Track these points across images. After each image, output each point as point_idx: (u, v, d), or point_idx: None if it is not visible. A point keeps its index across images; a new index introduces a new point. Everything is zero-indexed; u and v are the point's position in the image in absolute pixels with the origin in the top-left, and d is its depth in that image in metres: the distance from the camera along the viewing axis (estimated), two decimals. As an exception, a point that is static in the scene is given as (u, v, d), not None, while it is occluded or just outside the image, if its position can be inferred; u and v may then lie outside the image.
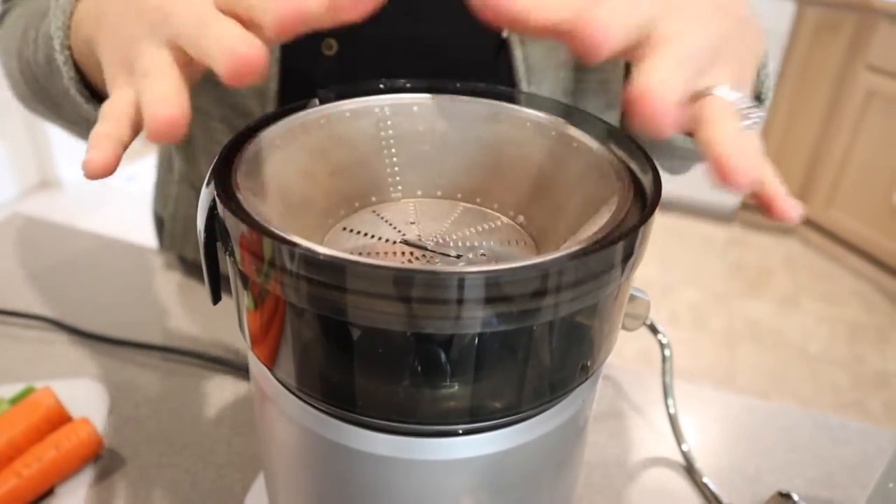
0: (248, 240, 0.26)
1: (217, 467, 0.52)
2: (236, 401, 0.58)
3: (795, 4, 2.38)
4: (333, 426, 0.29)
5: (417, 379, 0.27)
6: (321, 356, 0.28)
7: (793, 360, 2.10)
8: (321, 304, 0.26)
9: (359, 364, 0.27)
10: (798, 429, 0.58)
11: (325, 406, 0.29)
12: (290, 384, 0.30)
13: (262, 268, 0.26)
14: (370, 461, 0.29)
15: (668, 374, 0.54)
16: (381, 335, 0.26)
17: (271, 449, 0.35)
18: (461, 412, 0.28)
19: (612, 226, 0.28)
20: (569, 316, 0.27)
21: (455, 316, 0.25)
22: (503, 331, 0.26)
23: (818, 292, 2.42)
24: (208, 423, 0.55)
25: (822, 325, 2.27)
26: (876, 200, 2.40)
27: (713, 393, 0.61)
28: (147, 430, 0.55)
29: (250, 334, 0.30)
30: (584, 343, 0.29)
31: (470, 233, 0.35)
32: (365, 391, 0.28)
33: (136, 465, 0.52)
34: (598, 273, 0.27)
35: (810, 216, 2.64)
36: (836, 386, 2.01)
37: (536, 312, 0.26)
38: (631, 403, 0.59)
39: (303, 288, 0.26)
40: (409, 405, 0.28)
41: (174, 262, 0.74)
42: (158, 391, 0.58)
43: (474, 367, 0.27)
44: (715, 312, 2.28)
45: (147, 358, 0.61)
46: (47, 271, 0.72)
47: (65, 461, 0.49)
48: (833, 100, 2.48)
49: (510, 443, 0.30)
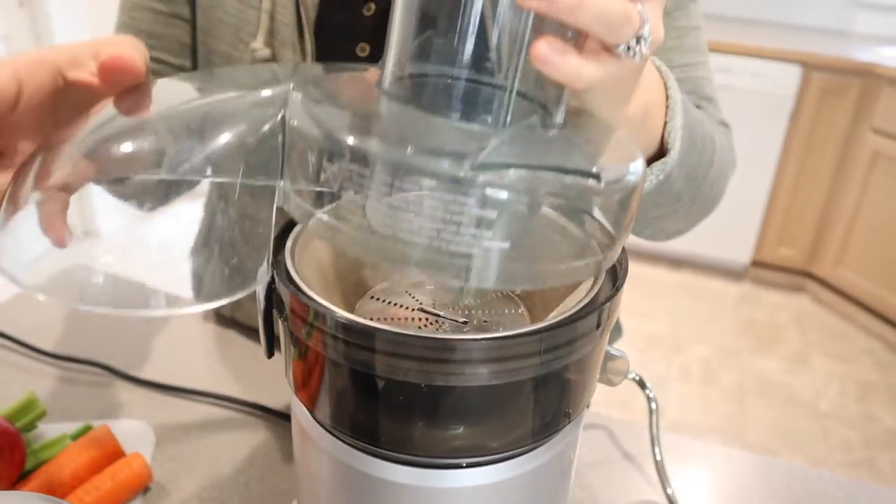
0: (298, 308, 0.34)
1: (252, 500, 0.58)
2: (268, 442, 0.64)
3: (802, 69, 2.47)
4: (360, 458, 0.36)
5: (429, 421, 0.34)
6: (352, 401, 0.35)
7: (803, 417, 2.13)
8: (354, 360, 0.33)
9: (382, 408, 0.34)
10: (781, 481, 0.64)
11: (354, 441, 0.36)
12: (326, 423, 0.37)
13: (307, 330, 0.34)
14: (389, 488, 0.36)
15: (654, 425, 0.60)
16: (401, 386, 0.33)
17: (306, 477, 0.41)
18: (465, 448, 0.35)
19: (587, 300, 0.35)
20: (553, 372, 0.34)
21: (461, 372, 0.32)
22: (499, 384, 0.33)
23: (829, 350, 2.45)
24: (243, 462, 0.62)
25: (833, 382, 2.29)
26: (885, 259, 2.44)
27: (701, 445, 0.67)
28: (189, 466, 0.61)
29: (295, 381, 0.38)
30: (566, 393, 0.36)
31: (475, 302, 0.42)
32: (387, 430, 0.35)
33: (179, 496, 0.58)
34: (576, 338, 0.34)
35: (820, 274, 2.68)
36: (847, 444, 2.03)
37: (526, 369, 0.33)
38: (623, 451, 0.65)
39: (339, 347, 0.33)
40: (422, 442, 0.35)
41: (210, 315, 0.82)
42: (199, 432, 0.65)
43: (475, 412, 0.34)
44: (725, 368, 2.31)
45: (189, 402, 0.69)
46: (98, 318, 0.80)
47: (120, 490, 0.55)
48: (840, 161, 2.55)
49: (506, 475, 0.36)
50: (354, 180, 0.29)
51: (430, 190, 0.28)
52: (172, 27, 0.69)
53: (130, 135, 0.34)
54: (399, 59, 0.34)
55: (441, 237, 0.29)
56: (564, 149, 0.31)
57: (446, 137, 0.33)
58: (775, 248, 2.74)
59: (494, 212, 0.28)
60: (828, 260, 2.63)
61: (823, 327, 2.58)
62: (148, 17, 0.68)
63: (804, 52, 2.46)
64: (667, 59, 0.64)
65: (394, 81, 0.35)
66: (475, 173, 0.28)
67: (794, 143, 2.58)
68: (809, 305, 2.70)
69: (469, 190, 0.28)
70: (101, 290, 0.33)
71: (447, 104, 0.34)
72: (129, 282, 0.34)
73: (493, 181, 0.28)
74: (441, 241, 0.29)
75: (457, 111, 0.34)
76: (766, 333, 2.52)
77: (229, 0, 0.64)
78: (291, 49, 0.63)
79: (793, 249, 2.72)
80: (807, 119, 2.53)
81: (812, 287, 2.74)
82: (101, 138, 0.34)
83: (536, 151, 0.33)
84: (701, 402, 2.15)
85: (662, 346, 2.41)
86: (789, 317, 2.63)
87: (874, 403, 2.21)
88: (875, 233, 2.47)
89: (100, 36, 0.41)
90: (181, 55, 0.70)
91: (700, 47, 0.67)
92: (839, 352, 2.44)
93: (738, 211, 2.70)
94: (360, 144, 0.30)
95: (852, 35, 2.89)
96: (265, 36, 0.63)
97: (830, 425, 2.10)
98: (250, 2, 0.63)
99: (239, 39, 0.65)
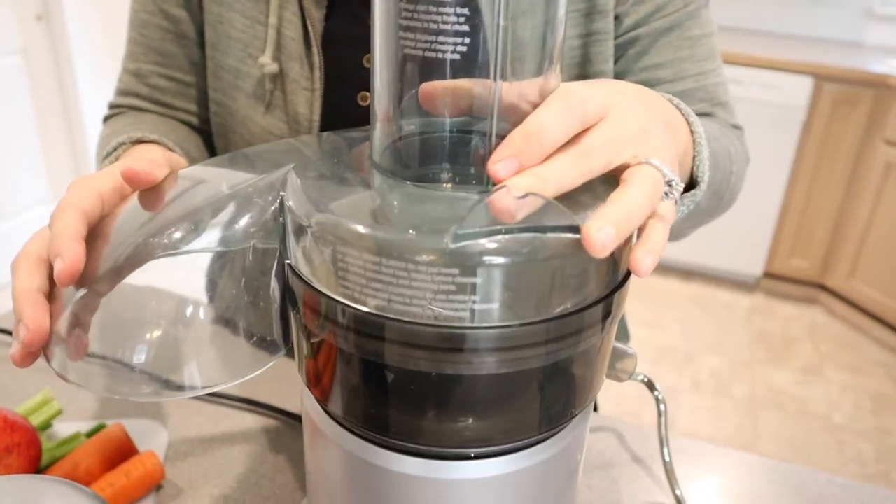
0: (311, 301, 0.34)
1: (263, 499, 0.59)
2: (279, 442, 0.65)
3: (814, 81, 2.47)
4: (370, 450, 0.37)
5: (438, 411, 0.35)
6: (362, 392, 0.36)
7: (816, 429, 2.11)
8: (364, 350, 0.33)
9: (392, 398, 0.35)
10: (792, 485, 0.63)
11: (365, 433, 0.37)
12: (337, 415, 0.37)
13: (320, 322, 0.34)
14: (398, 479, 0.37)
15: (663, 426, 0.60)
16: (411, 375, 0.33)
17: (317, 472, 0.42)
18: (473, 439, 0.35)
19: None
20: (560, 362, 0.35)
21: (468, 361, 0.32)
22: (506, 373, 0.33)
23: (842, 362, 2.43)
24: (254, 461, 0.63)
25: (847, 395, 2.27)
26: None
27: (710, 448, 0.67)
28: (200, 464, 0.62)
29: (307, 374, 0.38)
30: (573, 386, 0.37)
31: None
32: (397, 420, 0.35)
33: (192, 494, 0.59)
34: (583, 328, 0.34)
35: (833, 286, 2.67)
36: (861, 457, 2.01)
37: (533, 359, 0.33)
38: (632, 454, 0.65)
39: (350, 337, 0.33)
40: (431, 432, 0.35)
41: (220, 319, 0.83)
42: (210, 431, 0.66)
43: (483, 402, 0.34)
44: (737, 380, 2.30)
45: (200, 402, 0.69)
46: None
47: (133, 487, 0.56)
48: (853, 173, 2.54)
49: (513, 467, 0.37)
50: (347, 260, 0.32)
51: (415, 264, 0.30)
52: (181, 46, 0.71)
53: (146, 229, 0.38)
54: (384, 128, 0.36)
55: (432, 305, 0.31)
56: (543, 206, 0.32)
57: (431, 207, 0.35)
58: (787, 259, 2.73)
59: (479, 278, 0.30)
60: (841, 271, 2.62)
61: (836, 339, 2.56)
62: (157, 34, 0.70)
63: (816, 64, 2.46)
64: (680, 69, 0.65)
65: (381, 151, 0.37)
66: (456, 245, 0.30)
67: (806, 154, 2.57)
68: (822, 317, 2.68)
69: (452, 261, 0.30)
70: (138, 378, 0.37)
71: (433, 165, 0.36)
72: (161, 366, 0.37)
73: (472, 250, 0.30)
74: (432, 310, 0.31)
75: (443, 171, 0.36)
76: (779, 345, 2.51)
77: (237, 16, 0.66)
78: (299, 63, 0.64)
79: (805, 261, 2.71)
80: (819, 130, 2.53)
81: (825, 299, 2.73)
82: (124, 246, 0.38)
83: None
84: (712, 413, 2.14)
85: (674, 357, 2.40)
86: (802, 328, 2.61)
87: (888, 416, 2.18)
88: (888, 244, 2.46)
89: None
90: (191, 73, 0.72)
91: (713, 54, 0.68)
92: (853, 364, 2.43)
93: (751, 222, 2.70)
94: (346, 226, 0.32)
95: (864, 46, 2.89)
96: (273, 50, 0.64)
97: (844, 438, 2.08)
98: (257, 17, 0.65)
99: (247, 54, 0.66)
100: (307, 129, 0.66)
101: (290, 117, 0.66)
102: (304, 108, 0.65)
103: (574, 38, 0.63)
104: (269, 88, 0.66)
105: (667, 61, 0.65)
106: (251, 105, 0.68)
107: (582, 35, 0.63)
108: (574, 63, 0.64)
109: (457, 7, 0.31)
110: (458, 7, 0.31)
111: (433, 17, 0.31)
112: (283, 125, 0.67)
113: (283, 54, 0.65)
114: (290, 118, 0.66)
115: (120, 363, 0.36)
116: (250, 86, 0.67)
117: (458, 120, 0.34)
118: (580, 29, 0.63)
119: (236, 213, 0.36)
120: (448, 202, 0.34)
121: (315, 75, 0.64)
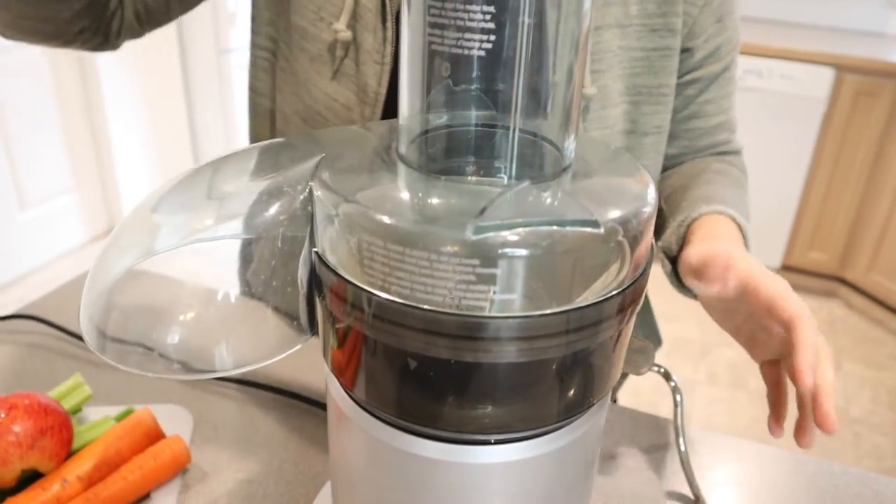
0: (337, 289, 0.35)
1: (286, 483, 0.60)
2: (302, 428, 0.66)
3: (835, 71, 2.45)
4: (393, 434, 0.38)
5: (460, 397, 0.36)
6: (385, 378, 0.37)
7: (833, 422, 2.10)
8: (386, 337, 0.35)
9: (416, 384, 0.36)
10: (807, 476, 0.64)
11: (388, 417, 0.38)
12: (361, 399, 0.39)
13: (345, 308, 0.35)
14: (419, 462, 0.38)
15: (679, 416, 0.61)
16: (433, 362, 0.34)
17: (340, 457, 0.43)
18: (493, 425, 0.36)
19: (614, 283, 0.36)
20: (579, 352, 0.36)
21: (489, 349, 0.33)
22: (524, 362, 0.34)
23: (860, 355, 2.42)
24: (277, 447, 0.64)
25: (865, 388, 2.26)
26: (919, 265, 2.41)
27: (725, 439, 0.68)
28: (226, 449, 0.64)
29: (332, 361, 0.39)
30: (591, 375, 0.38)
31: None
32: (419, 405, 0.36)
33: (217, 478, 0.61)
34: (602, 319, 0.35)
35: (852, 279, 2.65)
36: (879, 451, 2.00)
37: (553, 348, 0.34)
38: (648, 443, 0.66)
39: (373, 324, 0.34)
40: (453, 417, 0.36)
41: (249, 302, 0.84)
42: (234, 417, 0.67)
43: (503, 389, 0.35)
44: (753, 372, 2.29)
45: (225, 388, 0.71)
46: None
47: (161, 470, 0.58)
48: (874, 165, 2.52)
49: (533, 452, 0.38)
50: (372, 250, 0.33)
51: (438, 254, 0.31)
52: None
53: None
54: (410, 122, 0.37)
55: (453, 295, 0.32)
56: (564, 201, 0.33)
57: (455, 199, 0.36)
58: (806, 252, 2.71)
59: (499, 269, 0.31)
60: (860, 265, 2.60)
61: (855, 333, 2.54)
62: None
63: (837, 54, 2.44)
64: (720, 105, 0.73)
65: (408, 144, 0.38)
66: (477, 237, 0.31)
67: (826, 146, 2.55)
68: (841, 310, 2.67)
69: (474, 252, 0.31)
70: (170, 358, 0.38)
71: (457, 158, 0.37)
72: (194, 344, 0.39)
73: (493, 241, 0.31)
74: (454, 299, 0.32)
75: (468, 164, 0.37)
76: (796, 338, 2.49)
77: None
78: (372, 34, 0.64)
79: (824, 254, 2.69)
80: (840, 122, 2.50)
81: (843, 292, 2.71)
82: None
83: (535, 206, 0.36)
84: (728, 405, 2.14)
85: (690, 349, 2.40)
86: (820, 322, 2.60)
87: (907, 410, 2.17)
88: (909, 237, 2.43)
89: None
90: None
91: (735, 79, 0.75)
92: (871, 357, 2.41)
93: (769, 214, 2.68)
94: (371, 217, 0.33)
95: (886, 36, 2.85)
96: (348, 18, 0.64)
97: (861, 432, 2.07)
98: None
99: (319, 17, 0.66)
100: (373, 102, 0.66)
101: (359, 88, 0.66)
102: (373, 80, 0.65)
103: (637, 49, 0.66)
104: (340, 56, 0.66)
105: (714, 98, 0.72)
106: (315, 69, 0.68)
107: (646, 48, 0.66)
108: (635, 73, 0.67)
109: (483, 5, 0.32)
110: (484, 5, 0.32)
111: (460, 14, 0.32)
112: (352, 95, 0.67)
113: (359, 24, 0.65)
114: (359, 89, 0.66)
115: (154, 344, 0.37)
116: (316, 49, 0.67)
117: (483, 114, 0.35)
118: (645, 42, 0.65)
119: (267, 202, 0.38)
120: (471, 195, 0.35)
121: (386, 49, 0.64)
